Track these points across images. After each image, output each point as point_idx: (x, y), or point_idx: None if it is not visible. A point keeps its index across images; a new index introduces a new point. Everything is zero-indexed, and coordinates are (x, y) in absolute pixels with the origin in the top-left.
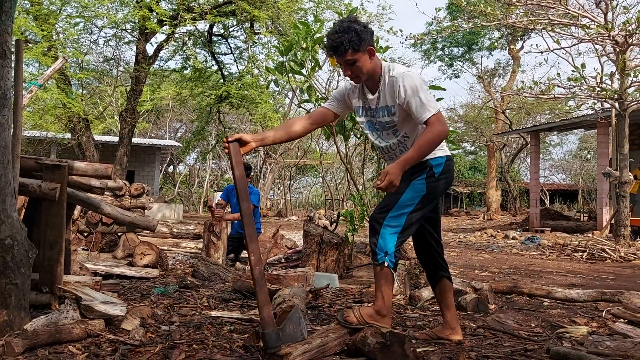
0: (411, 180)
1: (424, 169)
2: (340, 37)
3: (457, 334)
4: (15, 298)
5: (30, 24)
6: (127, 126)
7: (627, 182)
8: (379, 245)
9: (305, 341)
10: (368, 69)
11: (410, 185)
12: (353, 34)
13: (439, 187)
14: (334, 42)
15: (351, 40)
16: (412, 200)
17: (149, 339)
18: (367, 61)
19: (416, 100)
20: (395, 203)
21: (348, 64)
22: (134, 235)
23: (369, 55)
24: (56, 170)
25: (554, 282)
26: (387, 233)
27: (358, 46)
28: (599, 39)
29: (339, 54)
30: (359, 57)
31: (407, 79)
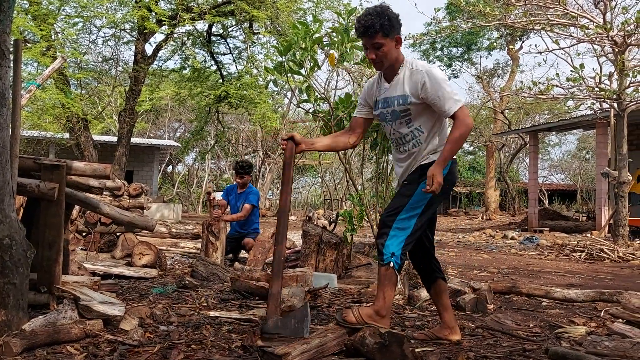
0: (419, 182)
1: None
2: (373, 19)
3: (456, 333)
4: (14, 298)
5: (29, 23)
6: (126, 126)
7: (626, 182)
8: (386, 246)
9: (303, 341)
10: (392, 57)
11: (418, 187)
12: (385, 19)
13: (445, 188)
14: (366, 22)
15: (383, 24)
16: (421, 202)
17: (147, 339)
18: (393, 49)
19: (442, 95)
20: (404, 205)
21: (375, 47)
22: (132, 235)
23: (395, 43)
24: (55, 170)
25: (553, 282)
26: (396, 235)
27: (388, 31)
28: (597, 39)
29: (368, 34)
30: (387, 43)
31: (432, 74)
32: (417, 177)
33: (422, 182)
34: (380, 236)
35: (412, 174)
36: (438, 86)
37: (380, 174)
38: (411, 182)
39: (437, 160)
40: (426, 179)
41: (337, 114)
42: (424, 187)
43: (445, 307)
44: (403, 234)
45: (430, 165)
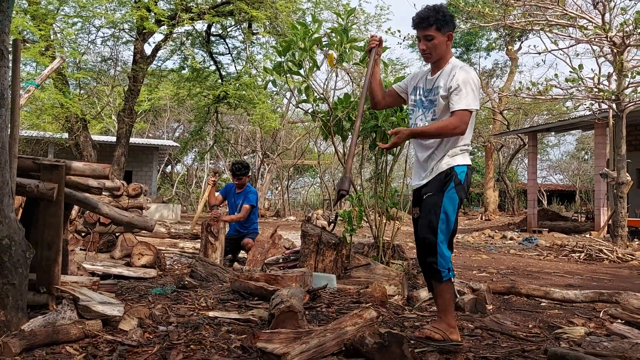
0: (444, 192)
1: (450, 178)
2: (429, 12)
3: (456, 333)
4: (13, 298)
5: (28, 23)
6: (125, 126)
7: (625, 183)
8: (440, 264)
9: (302, 341)
10: (441, 51)
11: (445, 198)
12: (441, 14)
13: (465, 193)
14: (423, 14)
15: (437, 18)
16: (453, 212)
17: (146, 339)
18: (443, 44)
19: (459, 91)
20: (438, 217)
21: (427, 38)
22: (131, 236)
23: (446, 39)
24: (54, 171)
25: (552, 282)
26: (443, 249)
27: (441, 26)
28: (596, 40)
29: (422, 26)
30: (438, 37)
31: (464, 72)
32: (441, 187)
33: (445, 192)
34: (429, 255)
35: (433, 182)
36: (463, 83)
37: (379, 174)
38: (436, 193)
39: (410, 130)
40: (448, 188)
41: (336, 114)
42: (450, 196)
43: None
44: (445, 243)
45: (446, 175)
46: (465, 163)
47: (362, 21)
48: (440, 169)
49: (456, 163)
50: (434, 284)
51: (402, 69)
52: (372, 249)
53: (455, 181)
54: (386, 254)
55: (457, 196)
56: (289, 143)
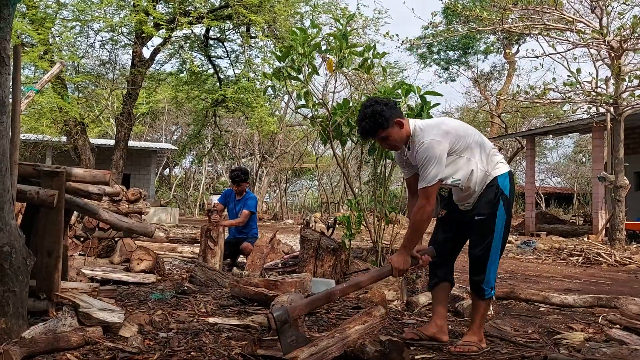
0: (495, 212)
1: (496, 196)
2: (368, 123)
3: (445, 334)
4: (13, 306)
5: (27, 27)
6: (123, 130)
7: (623, 186)
8: (486, 282)
9: (311, 344)
10: (401, 138)
11: (497, 217)
12: (378, 117)
13: (512, 205)
14: (364, 129)
15: (377, 122)
16: (503, 229)
17: (147, 346)
18: (399, 132)
19: (421, 170)
20: (492, 239)
21: (382, 140)
22: (130, 241)
23: (398, 127)
24: (54, 177)
25: (550, 287)
26: (491, 270)
27: (386, 124)
28: (594, 44)
29: (372, 136)
30: (390, 132)
31: (424, 151)
32: (490, 207)
33: (497, 212)
34: (478, 273)
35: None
36: (424, 162)
37: (378, 178)
38: (488, 215)
39: (400, 250)
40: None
41: (335, 119)
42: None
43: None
44: (495, 266)
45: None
46: (505, 170)
47: (361, 25)
48: (484, 184)
49: (497, 173)
50: (474, 297)
51: (400, 72)
52: (370, 253)
53: (503, 198)
54: (385, 259)
55: (505, 213)
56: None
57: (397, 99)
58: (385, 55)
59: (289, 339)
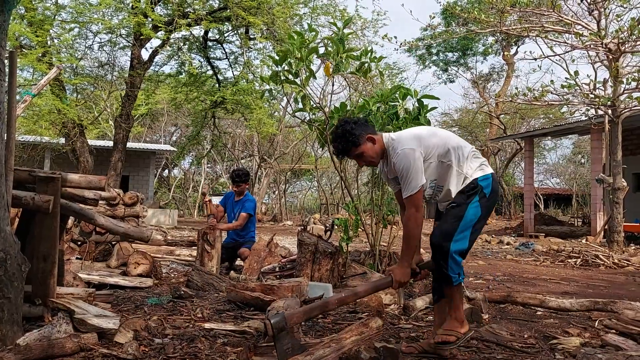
0: (467, 203)
1: (475, 192)
2: (340, 143)
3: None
4: (8, 312)
5: (25, 29)
6: (122, 131)
7: (621, 188)
8: (450, 269)
9: (307, 352)
10: (375, 153)
11: (467, 209)
12: (348, 135)
13: (491, 206)
14: (338, 149)
15: (349, 141)
16: (471, 223)
17: (142, 352)
18: (372, 148)
19: (403, 180)
20: (457, 228)
21: (357, 157)
22: (127, 244)
23: (370, 142)
24: (49, 183)
25: (548, 289)
26: (454, 258)
27: (358, 142)
28: (592, 46)
29: (347, 154)
30: (363, 149)
31: (401, 159)
32: (465, 198)
33: (469, 204)
34: (441, 259)
35: (458, 195)
36: (402, 172)
37: (376, 180)
38: (459, 204)
39: (398, 262)
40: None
41: (332, 123)
42: (472, 209)
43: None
44: (460, 254)
45: (471, 189)
46: (486, 172)
47: (359, 27)
48: (462, 186)
49: (477, 175)
50: (445, 287)
51: (399, 74)
52: (368, 256)
53: (481, 195)
54: (382, 262)
55: (480, 210)
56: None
57: (395, 102)
58: (382, 59)
59: (285, 347)
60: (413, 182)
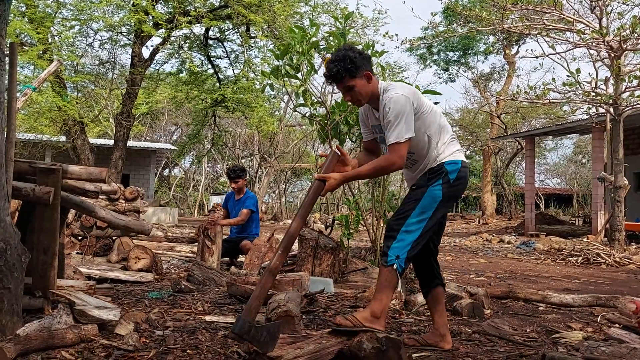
0: (428, 186)
1: (439, 175)
2: (337, 65)
3: (447, 342)
4: (8, 303)
5: (26, 26)
6: (123, 129)
7: (622, 187)
8: (392, 249)
9: (297, 346)
10: (367, 93)
11: (427, 192)
12: (348, 62)
13: (454, 193)
14: (331, 70)
15: (347, 67)
16: (430, 207)
17: (142, 344)
18: (365, 85)
19: (390, 125)
20: (413, 209)
21: (347, 89)
22: (128, 239)
23: (366, 79)
24: (50, 174)
25: (549, 286)
26: (403, 239)
27: (354, 72)
28: (593, 44)
29: (337, 81)
30: (356, 83)
31: (393, 103)
32: (425, 181)
33: (430, 187)
34: (387, 239)
35: (420, 178)
36: (391, 116)
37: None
38: (419, 187)
39: (344, 173)
40: (434, 183)
41: (333, 118)
42: (433, 192)
43: (440, 314)
44: (410, 238)
45: (435, 171)
46: (457, 158)
47: (360, 25)
48: (431, 166)
49: (447, 159)
50: (380, 267)
51: (400, 73)
52: (369, 252)
53: (444, 179)
54: None
55: (440, 194)
56: (287, 146)
57: None
58: (384, 54)
59: (261, 339)
60: (401, 128)
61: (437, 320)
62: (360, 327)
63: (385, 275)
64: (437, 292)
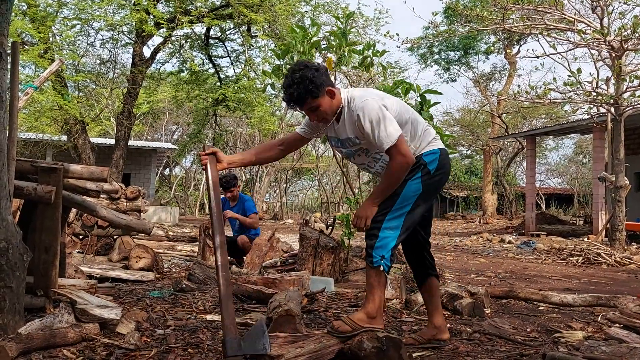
0: (407, 180)
1: (418, 167)
2: (296, 90)
3: (444, 332)
4: (10, 302)
5: (27, 26)
6: (124, 129)
7: (623, 187)
8: (375, 248)
9: (298, 345)
10: (332, 109)
11: (406, 185)
12: (308, 83)
13: (435, 184)
14: (292, 96)
15: (307, 89)
16: (410, 200)
17: (144, 343)
18: (329, 102)
19: (376, 134)
20: (393, 204)
21: (311, 110)
22: (129, 238)
23: (329, 96)
24: (52, 173)
25: (550, 286)
26: (385, 235)
27: (317, 92)
28: (594, 44)
29: (300, 105)
30: (320, 102)
31: (366, 112)
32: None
33: (409, 180)
34: (370, 237)
35: None
36: (371, 125)
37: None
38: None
39: (368, 197)
40: (413, 176)
41: None
42: (412, 185)
43: (435, 306)
44: (391, 235)
45: (417, 162)
46: (435, 147)
47: (361, 24)
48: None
49: (423, 150)
50: (366, 267)
51: (401, 72)
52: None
53: (424, 171)
54: None
55: (420, 186)
56: None
57: (397, 97)
58: (385, 53)
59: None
60: (389, 129)
61: (432, 312)
62: (359, 330)
63: (374, 276)
64: (431, 283)
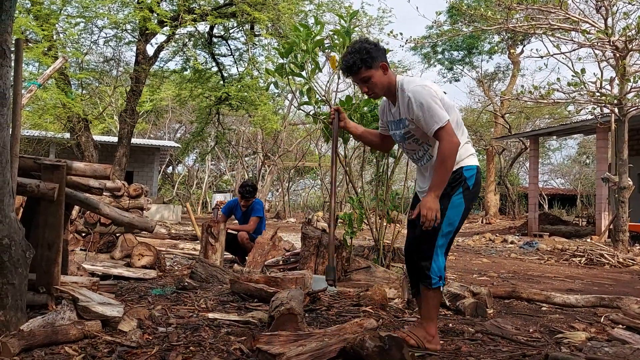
0: (450, 196)
1: (459, 183)
2: (353, 57)
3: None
4: (12, 298)
5: (31, 23)
6: (127, 127)
7: (626, 188)
8: (432, 270)
9: (299, 343)
10: (383, 84)
11: (450, 203)
12: (364, 53)
13: (472, 199)
14: (347, 62)
15: (362, 59)
16: (456, 217)
17: (145, 340)
18: (382, 77)
19: (425, 116)
20: (440, 224)
21: (363, 81)
22: (132, 236)
23: (382, 71)
24: (55, 171)
25: (553, 287)
26: (438, 255)
27: (370, 63)
28: (599, 44)
29: (353, 72)
30: (373, 74)
31: (417, 95)
32: (448, 189)
33: (453, 196)
34: (424, 259)
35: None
36: (421, 108)
37: (380, 176)
38: (442, 197)
39: (429, 191)
40: (455, 193)
41: None
42: (456, 202)
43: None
44: (443, 251)
45: (455, 180)
46: (473, 163)
47: (365, 24)
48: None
49: (465, 163)
50: (422, 288)
51: (404, 72)
52: (372, 251)
53: (464, 187)
54: (386, 257)
55: (463, 202)
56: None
57: None
58: (388, 52)
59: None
60: (438, 113)
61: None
62: (422, 346)
63: (433, 298)
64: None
